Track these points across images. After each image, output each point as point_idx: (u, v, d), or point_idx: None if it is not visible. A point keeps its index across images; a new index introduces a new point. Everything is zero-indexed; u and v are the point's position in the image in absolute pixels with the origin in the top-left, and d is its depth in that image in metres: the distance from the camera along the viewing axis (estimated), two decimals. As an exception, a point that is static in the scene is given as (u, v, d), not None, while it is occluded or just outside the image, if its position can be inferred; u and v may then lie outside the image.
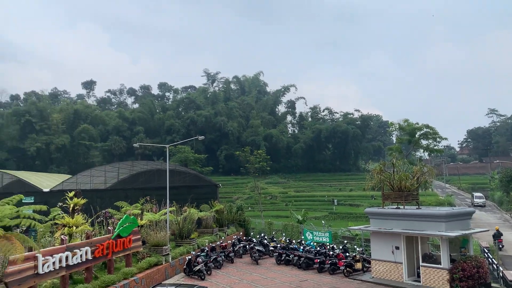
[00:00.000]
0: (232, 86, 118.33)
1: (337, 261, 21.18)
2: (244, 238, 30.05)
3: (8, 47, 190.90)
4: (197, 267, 19.81)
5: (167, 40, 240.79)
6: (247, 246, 26.23)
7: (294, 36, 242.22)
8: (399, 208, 18.93)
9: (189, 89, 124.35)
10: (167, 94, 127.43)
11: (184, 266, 20.53)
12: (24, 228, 16.33)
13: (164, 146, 28.26)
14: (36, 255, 12.01)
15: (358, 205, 56.03)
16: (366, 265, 20.67)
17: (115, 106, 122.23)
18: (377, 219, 19.49)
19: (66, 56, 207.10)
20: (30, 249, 11.83)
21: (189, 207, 27.51)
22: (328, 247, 24.30)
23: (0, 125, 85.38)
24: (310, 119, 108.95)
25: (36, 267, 11.94)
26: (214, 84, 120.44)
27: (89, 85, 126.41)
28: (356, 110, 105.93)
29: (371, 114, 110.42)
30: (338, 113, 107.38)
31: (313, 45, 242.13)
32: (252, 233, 32.23)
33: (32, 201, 30.19)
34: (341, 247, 23.96)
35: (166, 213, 22.76)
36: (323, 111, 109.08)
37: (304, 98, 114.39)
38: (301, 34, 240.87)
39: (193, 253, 22.00)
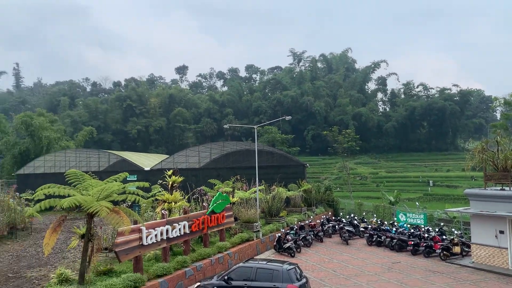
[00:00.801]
0: (319, 64, 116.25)
1: (432, 243, 20.13)
2: (333, 218, 29.82)
3: (110, 37, 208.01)
4: (287, 245, 20.16)
5: (252, 22, 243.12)
6: (337, 226, 26.00)
7: (385, 9, 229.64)
8: (504, 189, 17.34)
9: (275, 70, 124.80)
10: (254, 76, 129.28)
11: (274, 243, 21.02)
12: (129, 203, 17.88)
13: (252, 127, 28.87)
14: (141, 227, 13.10)
15: (456, 186, 52.45)
16: (465, 249, 19.39)
17: (206, 89, 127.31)
18: (479, 201, 18.05)
19: (161, 44, 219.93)
20: (135, 222, 12.91)
21: (278, 186, 27.93)
22: (423, 229, 23.18)
23: (106, 110, 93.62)
24: (402, 96, 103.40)
25: (140, 238, 13.04)
26: (300, 64, 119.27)
27: (182, 70, 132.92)
28: (454, 85, 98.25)
29: (471, 89, 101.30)
30: (433, 89, 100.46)
31: (406, 17, 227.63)
32: (341, 214, 31.85)
33: (135, 178, 32.86)
34: (437, 229, 22.72)
35: (256, 192, 23.35)
36: (417, 87, 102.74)
37: (396, 74, 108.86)
38: (392, 5, 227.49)
39: (283, 230, 22.39)
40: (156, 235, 13.74)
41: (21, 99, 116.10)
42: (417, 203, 32.14)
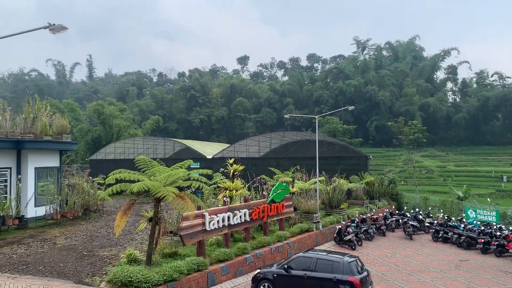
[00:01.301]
0: (384, 53, 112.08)
1: (505, 242, 18.88)
2: (397, 212, 28.91)
3: (176, 29, 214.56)
4: (348, 237, 19.85)
5: (315, 10, 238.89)
6: (400, 221, 25.18)
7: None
8: None
9: (338, 59, 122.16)
10: (315, 65, 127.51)
11: (335, 235, 20.77)
12: (193, 190, 18.47)
13: (313, 116, 28.54)
14: (204, 213, 13.51)
15: (534, 183, 48.69)
16: (544, 251, 18.01)
17: (266, 79, 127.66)
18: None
19: (223, 34, 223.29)
20: (199, 208, 13.31)
21: (339, 177, 27.48)
22: (495, 227, 21.80)
23: (171, 100, 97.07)
24: (475, 86, 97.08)
25: (204, 224, 13.46)
26: (365, 52, 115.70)
27: (243, 60, 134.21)
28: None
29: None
30: (510, 78, 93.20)
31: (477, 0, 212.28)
32: (405, 208, 30.77)
33: (198, 166, 33.82)
34: (510, 228, 21.26)
35: (316, 182, 23.16)
36: (492, 76, 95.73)
37: (468, 63, 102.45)
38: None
39: (343, 223, 22.08)
40: (218, 221, 14.11)
41: (94, 89, 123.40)
42: (488, 199, 30.24)
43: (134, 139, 44.55)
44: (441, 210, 27.99)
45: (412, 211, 29.16)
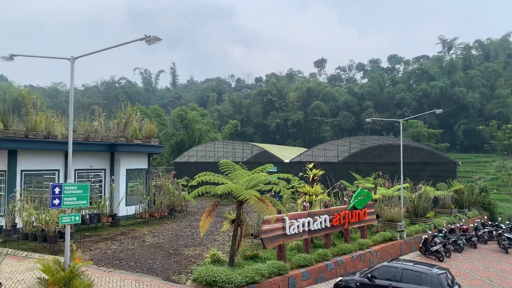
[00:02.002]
0: (473, 51, 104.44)
1: None
2: (489, 223, 26.68)
3: (252, 35, 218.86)
4: (435, 248, 18.73)
5: (395, 10, 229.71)
6: (494, 232, 23.21)
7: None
8: None
9: (421, 59, 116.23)
10: (397, 66, 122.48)
11: (420, 245, 19.69)
12: (272, 194, 18.60)
13: (396, 120, 27.38)
14: (284, 217, 13.53)
15: None
16: None
17: (344, 82, 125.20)
18: None
19: (299, 38, 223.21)
20: (279, 212, 13.36)
21: (424, 184, 26.03)
22: None
23: (248, 104, 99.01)
24: None
25: (284, 228, 13.47)
26: (451, 52, 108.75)
27: (320, 63, 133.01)
28: None
29: None
30: None
31: None
32: (499, 219, 28.30)
33: (275, 170, 34.02)
34: None
35: (399, 189, 22.15)
36: None
37: None
38: None
39: (430, 232, 20.86)
40: (298, 226, 14.04)
41: (177, 95, 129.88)
42: None
43: (215, 142, 46.03)
44: (543, 223, 25.37)
45: (507, 222, 26.76)
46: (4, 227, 16.55)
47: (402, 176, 21.80)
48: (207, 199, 32.66)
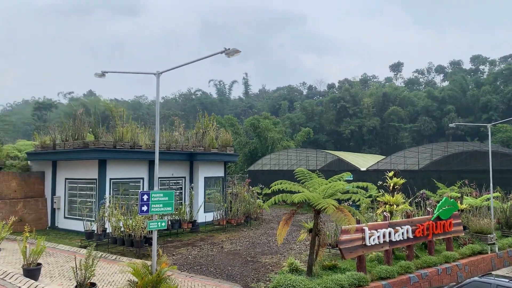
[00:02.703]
0: None
1: None
2: None
3: (324, 41, 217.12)
4: (533, 264, 17.05)
5: (475, 8, 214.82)
6: None
7: None
8: None
9: (510, 59, 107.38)
10: (481, 67, 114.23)
11: (515, 260, 18.05)
12: (350, 203, 18.17)
13: (483, 125, 25.55)
14: (363, 227, 13.13)
15: None
16: None
17: (423, 85, 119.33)
18: None
19: (373, 43, 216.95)
20: (357, 222, 13.00)
21: (518, 194, 23.87)
22: None
23: (321, 112, 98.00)
24: None
25: (363, 238, 13.06)
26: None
27: (396, 67, 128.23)
28: None
29: None
30: None
31: None
32: None
33: (351, 178, 33.21)
34: None
35: (488, 199, 20.52)
36: None
37: None
38: None
39: (526, 247, 19.06)
40: (378, 237, 13.55)
41: (249, 104, 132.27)
42: None
43: (288, 150, 46.11)
44: None
45: None
46: (95, 232, 17.88)
47: (492, 185, 20.20)
48: (281, 207, 32.75)
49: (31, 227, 12.97)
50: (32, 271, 10.24)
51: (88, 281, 9.68)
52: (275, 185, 12.60)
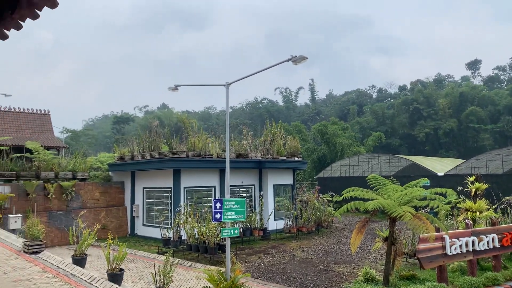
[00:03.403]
0: None
1: None
2: None
3: (393, 42, 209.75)
4: None
5: None
6: None
7: None
8: None
9: None
10: None
11: None
12: (428, 210, 17.24)
13: None
14: (444, 236, 12.36)
15: None
16: None
17: (505, 83, 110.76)
18: None
19: (447, 41, 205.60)
20: (436, 230, 12.27)
21: None
22: None
23: (392, 115, 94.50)
24: None
25: (443, 247, 12.29)
26: None
27: (473, 65, 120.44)
28: None
29: None
30: None
31: None
32: None
33: (428, 184, 31.53)
34: None
35: None
36: None
37: None
38: None
39: None
40: (460, 246, 12.68)
41: (316, 110, 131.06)
42: None
43: (358, 156, 44.96)
44: None
45: None
46: (172, 239, 18.61)
47: None
48: (354, 215, 31.92)
49: (113, 234, 13.81)
50: (115, 276, 10.87)
51: (167, 286, 10.08)
52: (346, 192, 12.30)
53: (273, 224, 23.26)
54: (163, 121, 76.59)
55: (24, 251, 13.08)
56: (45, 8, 2.40)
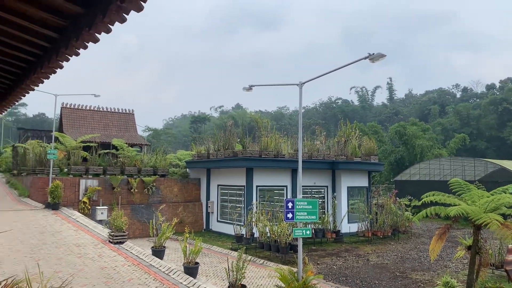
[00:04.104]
0: None
1: None
2: None
3: (480, 39, 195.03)
4: None
5: None
6: None
7: None
8: None
9: None
10: None
11: None
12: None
13: None
14: (538, 248, 11.26)
15: None
16: None
17: None
18: None
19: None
20: (529, 241, 11.21)
21: None
22: None
23: (478, 116, 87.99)
24: None
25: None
26: None
27: None
28: None
29: None
30: None
31: None
32: None
33: (518, 190, 28.92)
34: None
35: None
36: None
37: None
38: None
39: None
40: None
41: (394, 110, 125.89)
42: None
43: (440, 159, 42.49)
44: None
45: None
46: (244, 236, 18.95)
47: None
48: (433, 221, 30.25)
49: (190, 229, 14.36)
50: (191, 269, 11.30)
51: (239, 282, 10.28)
52: (426, 196, 11.65)
53: (346, 227, 22.75)
54: (237, 120, 78.36)
55: (109, 241, 14.07)
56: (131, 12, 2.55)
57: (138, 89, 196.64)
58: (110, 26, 2.54)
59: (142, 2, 2.34)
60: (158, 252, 13.34)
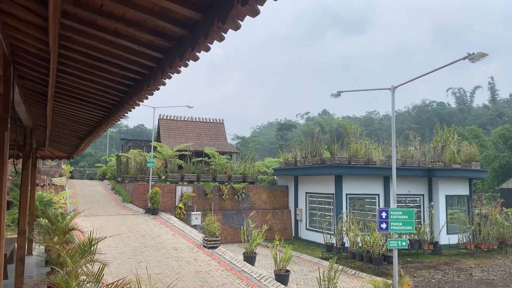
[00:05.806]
0: None
1: None
2: None
3: None
4: None
5: None
6: None
7: None
8: None
9: None
10: None
11: None
12: None
13: None
14: None
15: None
16: None
17: None
18: None
19: None
20: None
21: None
22: None
23: None
24: None
25: None
26: None
27: None
28: None
29: None
30: None
31: None
32: None
33: None
34: None
35: None
36: None
37: None
38: None
39: None
40: None
41: (497, 112, 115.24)
42: None
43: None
44: None
45: None
46: (335, 245, 18.59)
47: None
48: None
49: (279, 236, 14.48)
50: (282, 277, 11.36)
51: (331, 292, 10.09)
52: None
53: (445, 238, 21.24)
54: (324, 127, 77.55)
55: (204, 246, 14.70)
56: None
57: (225, 98, 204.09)
58: (223, 34, 2.65)
59: (259, 6, 2.32)
60: (250, 258, 13.62)
